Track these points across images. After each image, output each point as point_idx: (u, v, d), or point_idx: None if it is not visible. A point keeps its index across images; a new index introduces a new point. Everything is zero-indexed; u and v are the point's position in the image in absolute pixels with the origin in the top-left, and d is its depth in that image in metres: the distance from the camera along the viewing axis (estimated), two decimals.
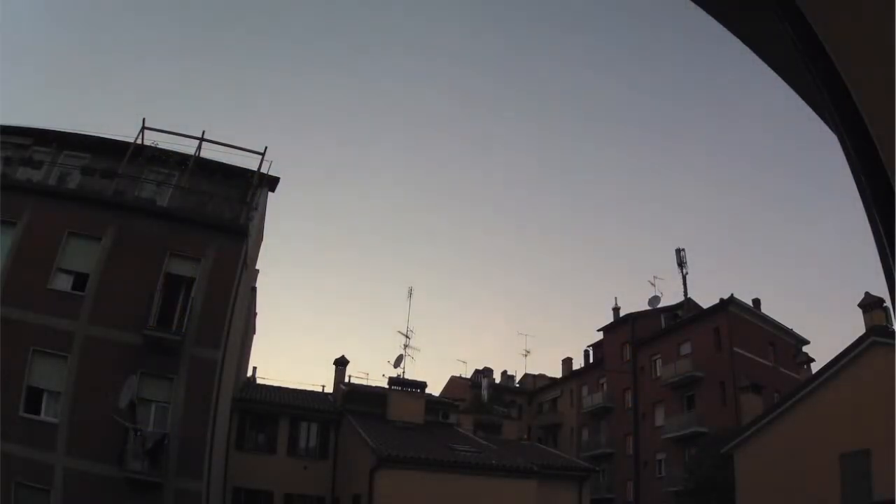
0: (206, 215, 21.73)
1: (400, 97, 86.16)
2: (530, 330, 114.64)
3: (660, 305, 47.02)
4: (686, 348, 41.14)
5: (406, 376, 30.71)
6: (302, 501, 25.53)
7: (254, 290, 30.08)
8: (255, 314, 32.97)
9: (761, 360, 37.55)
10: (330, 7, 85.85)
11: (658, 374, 42.87)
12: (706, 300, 44.05)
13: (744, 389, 30.26)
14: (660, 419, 41.57)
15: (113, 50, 75.44)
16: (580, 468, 28.70)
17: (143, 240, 20.38)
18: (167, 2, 74.06)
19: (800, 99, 1.61)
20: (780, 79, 1.65)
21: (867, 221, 1.30)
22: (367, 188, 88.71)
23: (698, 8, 1.70)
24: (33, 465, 17.03)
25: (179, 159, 23.09)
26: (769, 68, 1.67)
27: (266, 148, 23.84)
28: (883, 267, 1.27)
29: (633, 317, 47.66)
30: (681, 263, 46.43)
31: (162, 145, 23.06)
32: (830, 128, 1.44)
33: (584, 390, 50.41)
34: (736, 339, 37.61)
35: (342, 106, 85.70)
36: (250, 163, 23.70)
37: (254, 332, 34.12)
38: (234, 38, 79.09)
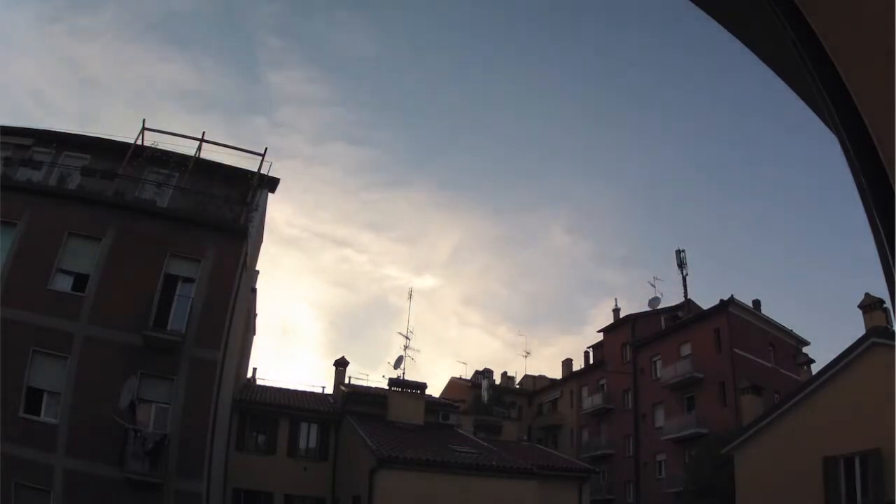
0: (206, 216, 21.74)
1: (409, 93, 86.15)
2: (531, 331, 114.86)
3: (660, 306, 47.01)
4: (686, 349, 41.07)
5: (406, 377, 30.68)
6: (302, 502, 25.52)
7: (254, 291, 30.07)
8: (254, 315, 32.97)
9: (761, 360, 37.49)
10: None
11: (658, 375, 42.81)
12: (706, 301, 44.11)
13: (744, 390, 30.19)
14: (660, 420, 41.52)
15: (111, 51, 75.53)
16: (580, 469, 28.67)
17: (143, 240, 20.39)
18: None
19: (800, 99, 1.61)
20: (780, 79, 1.65)
21: (867, 221, 1.30)
22: (365, 186, 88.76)
23: (698, 8, 1.71)
24: (33, 465, 17.02)
25: (179, 160, 23.11)
26: (769, 68, 1.67)
27: (266, 149, 23.94)
28: (883, 267, 1.27)
29: (634, 318, 47.65)
30: (681, 264, 46.41)
31: (162, 146, 23.10)
32: (830, 128, 1.44)
33: (584, 391, 50.34)
34: (736, 340, 37.56)
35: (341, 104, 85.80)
36: (250, 164, 23.78)
37: (254, 333, 34.10)
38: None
